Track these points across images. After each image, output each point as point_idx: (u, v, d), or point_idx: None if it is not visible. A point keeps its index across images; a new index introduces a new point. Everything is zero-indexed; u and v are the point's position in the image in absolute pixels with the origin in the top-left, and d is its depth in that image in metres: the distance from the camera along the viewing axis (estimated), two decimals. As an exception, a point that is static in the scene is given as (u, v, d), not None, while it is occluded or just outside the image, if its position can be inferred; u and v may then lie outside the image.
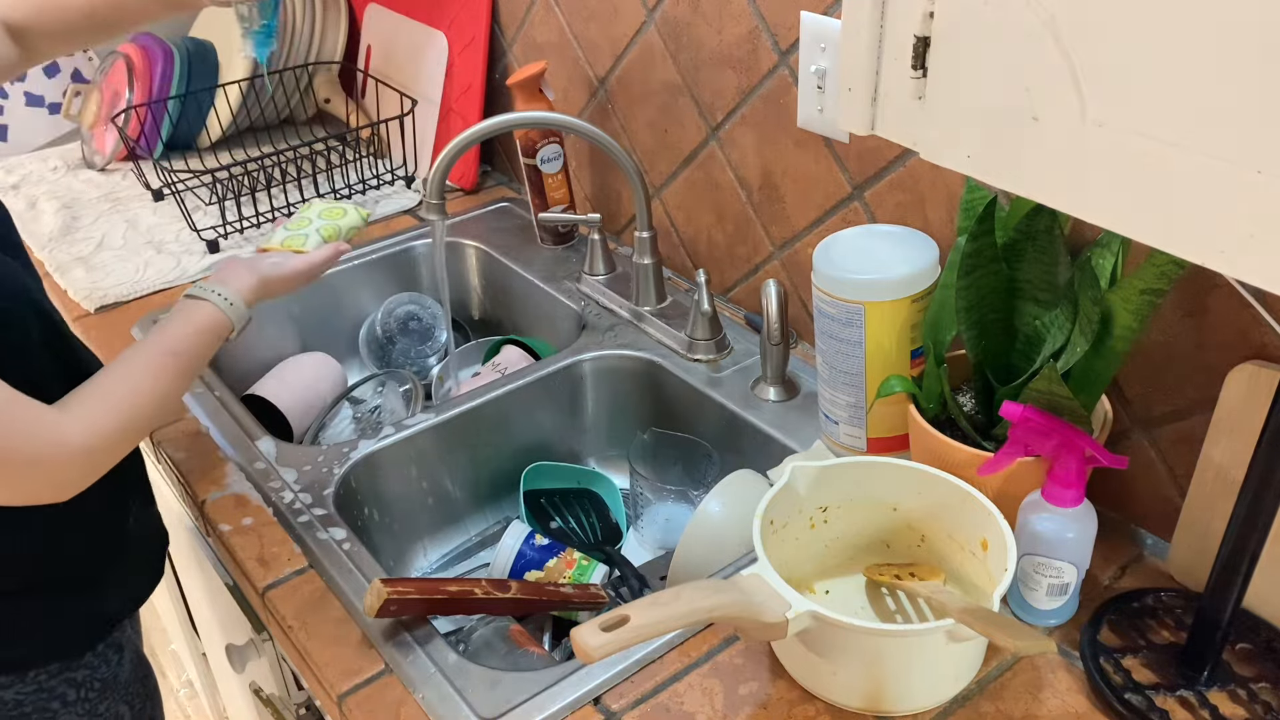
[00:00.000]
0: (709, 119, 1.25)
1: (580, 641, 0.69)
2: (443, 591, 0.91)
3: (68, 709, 0.97)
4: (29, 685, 0.94)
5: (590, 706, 0.83)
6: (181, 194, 1.60)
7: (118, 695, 1.01)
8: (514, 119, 1.24)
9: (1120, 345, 0.82)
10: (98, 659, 0.99)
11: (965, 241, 0.85)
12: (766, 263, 1.26)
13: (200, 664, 1.61)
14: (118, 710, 1.01)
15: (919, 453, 0.93)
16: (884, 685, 0.79)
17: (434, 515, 1.23)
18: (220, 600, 1.21)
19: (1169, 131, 0.48)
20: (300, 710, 1.13)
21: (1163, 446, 0.92)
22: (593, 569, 1.06)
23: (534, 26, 1.49)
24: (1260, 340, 0.81)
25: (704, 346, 1.23)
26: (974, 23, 0.55)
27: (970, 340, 0.89)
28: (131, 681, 1.03)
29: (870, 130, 0.63)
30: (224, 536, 1.03)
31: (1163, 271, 0.77)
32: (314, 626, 0.92)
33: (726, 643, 0.88)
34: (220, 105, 1.71)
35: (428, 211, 1.23)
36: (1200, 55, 0.46)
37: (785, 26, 1.10)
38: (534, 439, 1.27)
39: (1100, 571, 0.92)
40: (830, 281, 0.95)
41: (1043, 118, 0.53)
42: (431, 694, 0.84)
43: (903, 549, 0.92)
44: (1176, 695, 0.80)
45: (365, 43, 1.81)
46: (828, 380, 1.01)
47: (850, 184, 1.11)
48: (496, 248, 1.52)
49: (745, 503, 0.96)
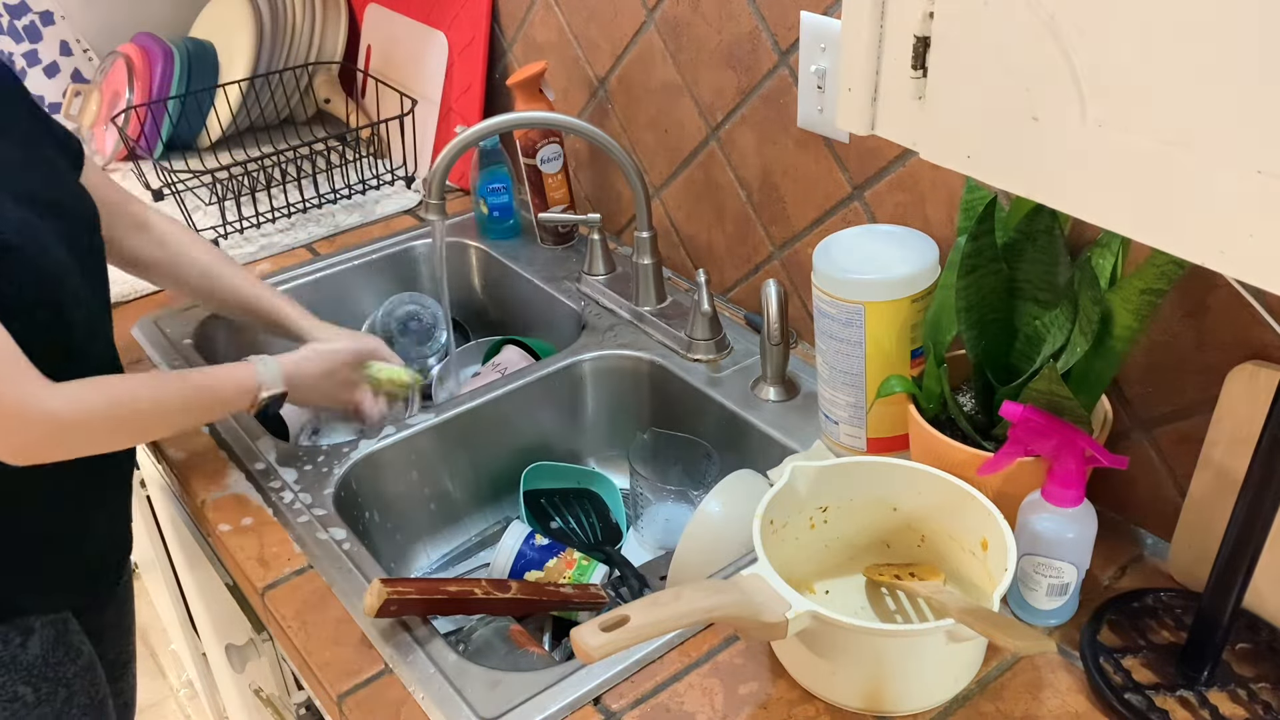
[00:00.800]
0: (709, 119, 1.25)
1: (580, 641, 0.69)
2: (443, 591, 0.91)
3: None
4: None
5: (590, 706, 0.83)
6: (181, 194, 1.60)
7: (18, 676, 1.01)
8: (514, 119, 1.24)
9: (1120, 345, 0.82)
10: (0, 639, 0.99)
11: (965, 241, 0.85)
12: (766, 263, 1.26)
13: (200, 664, 1.61)
14: (15, 690, 1.01)
15: (919, 453, 0.93)
16: (884, 685, 0.79)
17: (434, 515, 1.23)
18: (220, 600, 1.21)
19: (1169, 131, 0.48)
20: (300, 710, 1.13)
21: (1163, 446, 0.92)
22: (593, 569, 1.06)
23: (534, 26, 1.49)
24: (1260, 340, 0.81)
25: (704, 346, 1.23)
26: (974, 23, 0.55)
27: (970, 340, 0.89)
28: (37, 664, 1.02)
29: (870, 130, 0.63)
30: (224, 536, 1.03)
31: (1163, 271, 0.77)
32: (314, 626, 0.92)
33: (726, 643, 0.88)
34: (220, 105, 1.71)
35: (428, 211, 1.23)
36: (1200, 55, 0.46)
37: (785, 26, 1.10)
38: (534, 439, 1.27)
39: (1100, 571, 0.92)
40: (830, 281, 0.95)
41: (1043, 118, 0.53)
42: (431, 694, 0.84)
43: (903, 549, 0.92)
44: (1176, 695, 0.80)
45: (365, 43, 1.81)
46: (828, 380, 1.01)
47: (850, 184, 1.11)
48: (496, 248, 1.52)
49: (745, 503, 0.96)
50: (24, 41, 1.83)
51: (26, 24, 1.82)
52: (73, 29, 1.86)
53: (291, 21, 1.75)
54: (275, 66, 1.75)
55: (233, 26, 1.74)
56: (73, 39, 1.87)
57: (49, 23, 1.84)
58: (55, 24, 1.85)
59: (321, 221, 1.58)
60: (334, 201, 1.62)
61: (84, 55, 1.88)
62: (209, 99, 1.71)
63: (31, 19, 1.82)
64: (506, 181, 1.50)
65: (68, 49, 1.87)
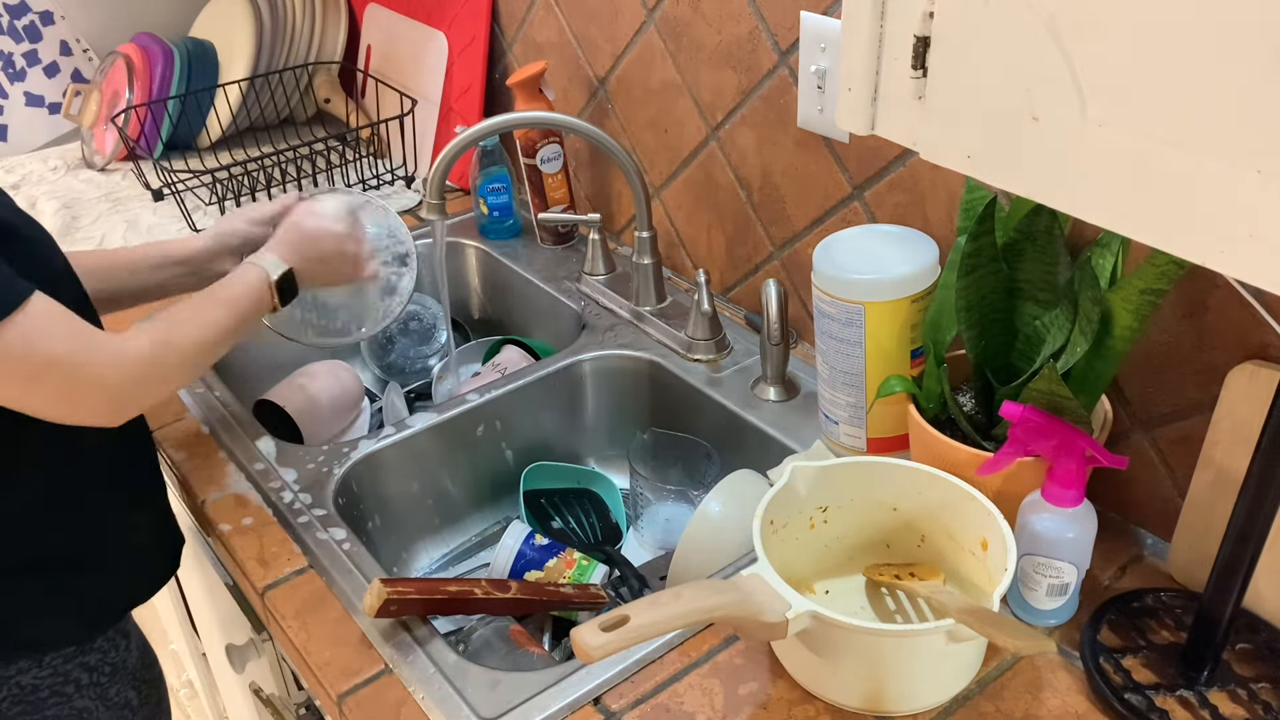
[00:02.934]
0: (709, 119, 1.25)
1: (580, 641, 0.69)
2: (443, 591, 0.91)
3: (81, 692, 0.99)
4: (45, 670, 0.96)
5: (590, 706, 0.83)
6: (181, 194, 1.60)
7: (126, 680, 1.03)
8: (514, 119, 1.24)
9: (1120, 345, 0.82)
10: (108, 643, 1.01)
11: (965, 241, 0.85)
12: (766, 263, 1.26)
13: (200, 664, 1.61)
14: (126, 695, 1.03)
15: (919, 453, 0.93)
16: (884, 685, 0.79)
17: (434, 515, 1.23)
18: (220, 600, 1.21)
19: (1169, 131, 0.48)
20: (300, 710, 1.13)
21: (1163, 446, 0.92)
22: (593, 569, 1.06)
23: (534, 26, 1.49)
24: (1260, 340, 0.81)
25: (704, 346, 1.23)
26: (974, 23, 0.55)
27: (970, 340, 0.89)
28: (139, 667, 1.05)
29: (870, 130, 0.63)
30: (224, 536, 1.03)
31: (1163, 271, 0.77)
32: (314, 626, 0.92)
33: (726, 643, 0.88)
34: (220, 105, 1.71)
35: (428, 211, 1.23)
36: (1200, 55, 0.46)
37: (785, 26, 1.10)
38: (534, 439, 1.27)
39: (1100, 571, 0.92)
40: (830, 281, 0.95)
41: (1043, 118, 0.53)
42: (431, 694, 0.84)
43: (903, 549, 0.92)
44: (1176, 695, 0.80)
45: (365, 43, 1.81)
46: (828, 380, 1.01)
47: (850, 184, 1.11)
48: (496, 248, 1.52)
49: (745, 503, 0.96)
50: (24, 41, 1.83)
51: (26, 24, 1.82)
52: (73, 29, 1.86)
53: (291, 21, 1.75)
54: (275, 66, 1.75)
55: (233, 26, 1.74)
56: (73, 39, 1.87)
57: (49, 23, 1.84)
58: (55, 24, 1.85)
59: (321, 221, 1.58)
60: (334, 201, 1.62)
61: (84, 55, 1.88)
62: (209, 99, 1.71)
63: (31, 19, 1.82)
64: (506, 181, 1.50)
65: (68, 49, 1.87)
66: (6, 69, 1.82)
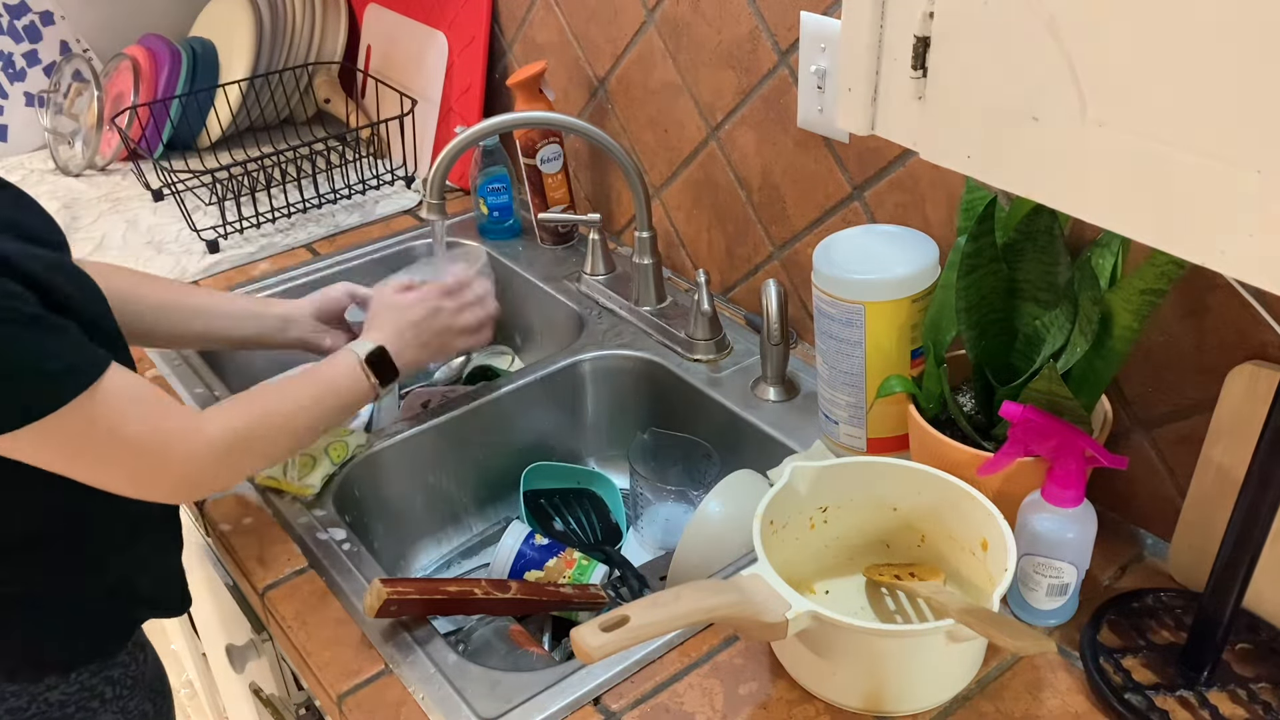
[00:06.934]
0: (709, 119, 1.25)
1: (580, 642, 0.69)
2: (443, 591, 0.91)
3: (105, 706, 0.98)
4: (72, 685, 0.95)
5: (590, 706, 0.83)
6: (181, 194, 1.60)
7: (144, 692, 1.03)
8: (514, 119, 1.24)
9: (1120, 345, 0.82)
10: (129, 657, 1.00)
11: (965, 241, 0.85)
12: (766, 263, 1.26)
13: (200, 664, 1.61)
14: (143, 708, 1.03)
15: (919, 453, 0.93)
16: (884, 685, 0.79)
17: (434, 515, 1.23)
18: (220, 600, 1.21)
19: (1169, 131, 0.48)
20: (300, 710, 1.13)
21: (1163, 446, 0.92)
22: (593, 569, 1.06)
23: (534, 26, 1.49)
24: (1260, 340, 0.81)
25: (704, 346, 1.23)
26: (974, 23, 0.55)
27: (970, 340, 0.89)
28: (154, 679, 1.05)
29: (870, 130, 0.63)
30: (224, 536, 1.03)
31: (1163, 271, 0.77)
32: (314, 626, 0.92)
33: (726, 643, 0.88)
34: (220, 105, 1.71)
35: (428, 211, 1.23)
36: (1200, 55, 0.46)
37: (785, 26, 1.10)
38: (534, 439, 1.27)
39: (1100, 571, 0.92)
40: (830, 281, 0.95)
41: (1043, 118, 0.53)
42: (431, 694, 0.84)
43: (903, 549, 0.92)
44: (1176, 695, 0.80)
45: (365, 43, 1.81)
46: (828, 380, 1.01)
47: (850, 184, 1.11)
48: (496, 248, 1.52)
49: (745, 503, 0.96)
50: (24, 41, 1.83)
51: (26, 24, 1.82)
52: (73, 29, 1.86)
53: (291, 21, 1.75)
54: (275, 66, 1.75)
55: (233, 26, 1.74)
56: (73, 39, 1.87)
57: (49, 23, 1.84)
58: (55, 24, 1.85)
59: (321, 222, 1.58)
60: (334, 202, 1.62)
61: (84, 55, 1.88)
62: (209, 99, 1.71)
63: (31, 19, 1.82)
64: (506, 181, 1.50)
65: (68, 49, 1.87)
66: (6, 69, 1.82)
